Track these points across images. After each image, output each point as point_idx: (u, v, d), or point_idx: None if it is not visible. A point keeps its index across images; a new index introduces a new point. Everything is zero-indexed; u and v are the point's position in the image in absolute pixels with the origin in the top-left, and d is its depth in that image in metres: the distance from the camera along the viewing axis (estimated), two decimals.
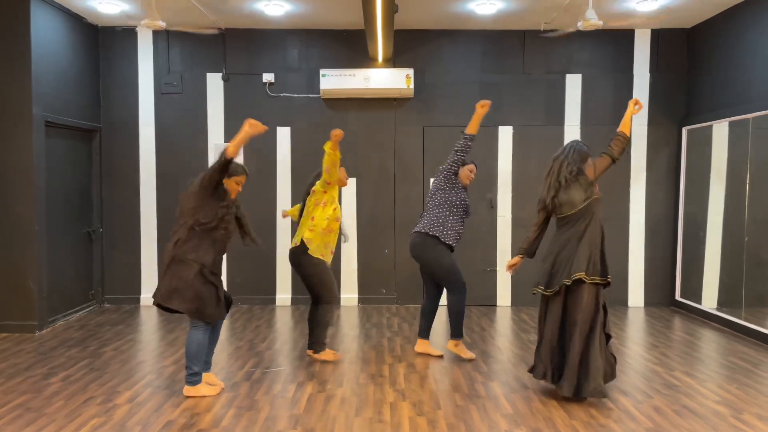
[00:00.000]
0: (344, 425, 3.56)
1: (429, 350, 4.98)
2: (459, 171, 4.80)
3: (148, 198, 6.91)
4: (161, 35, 6.79)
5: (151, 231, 6.90)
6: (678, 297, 6.84)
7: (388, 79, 6.62)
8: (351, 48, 6.81)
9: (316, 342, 4.82)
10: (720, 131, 6.19)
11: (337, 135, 4.48)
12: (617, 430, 3.49)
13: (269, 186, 6.92)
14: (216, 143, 6.87)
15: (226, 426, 3.54)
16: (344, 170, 4.87)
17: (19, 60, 5.61)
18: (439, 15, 6.33)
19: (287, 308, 6.83)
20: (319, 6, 6.04)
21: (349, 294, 6.98)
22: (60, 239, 6.16)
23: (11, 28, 5.60)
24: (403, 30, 6.72)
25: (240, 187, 4.08)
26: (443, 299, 5.09)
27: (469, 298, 5.17)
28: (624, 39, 6.84)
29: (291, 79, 6.88)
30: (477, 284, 6.66)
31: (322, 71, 6.63)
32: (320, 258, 4.70)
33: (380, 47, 6.23)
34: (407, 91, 6.67)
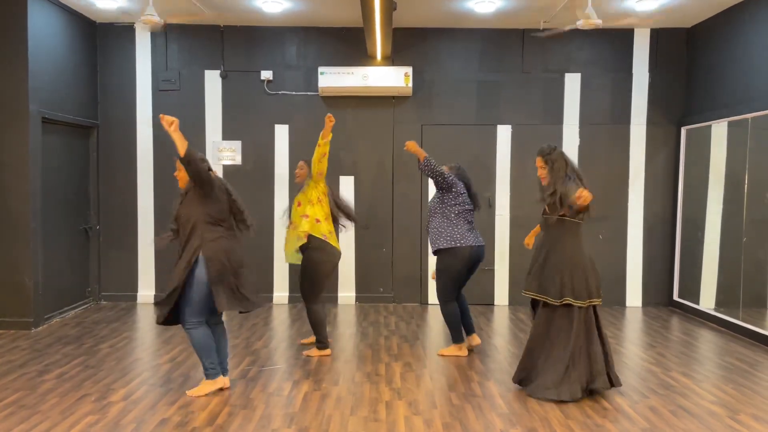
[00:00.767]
0: (339, 424, 3.54)
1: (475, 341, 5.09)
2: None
3: (146, 195, 6.90)
4: (159, 32, 6.76)
5: (148, 228, 6.88)
6: (676, 297, 6.83)
7: (387, 77, 6.60)
8: (349, 46, 6.79)
9: (318, 341, 4.87)
10: (719, 131, 6.17)
11: (332, 120, 4.72)
12: (613, 430, 3.48)
13: (267, 183, 6.90)
14: (214, 140, 6.85)
15: (221, 424, 3.52)
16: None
17: (16, 56, 5.58)
18: (438, 13, 6.31)
19: (284, 306, 6.81)
20: (318, 3, 6.02)
21: (347, 292, 6.97)
22: (56, 236, 6.14)
23: (8, 24, 5.57)
24: (402, 28, 6.70)
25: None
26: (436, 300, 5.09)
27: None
28: (623, 38, 6.82)
29: (289, 77, 6.86)
30: (474, 283, 6.62)
31: (321, 69, 6.61)
32: (328, 243, 4.73)
33: (379, 45, 6.21)
34: (406, 89, 6.65)
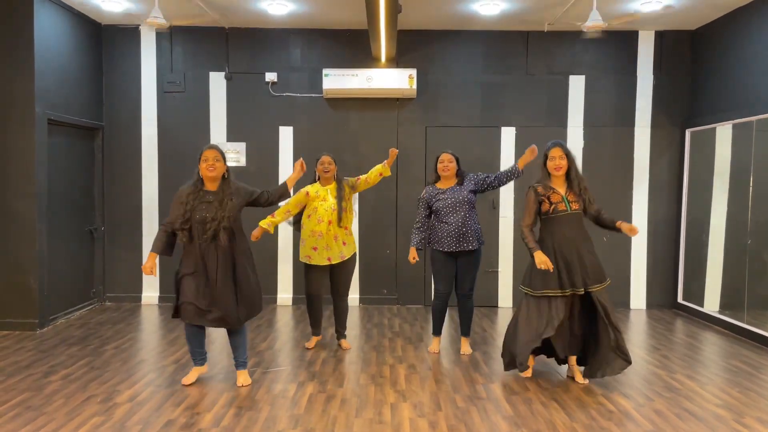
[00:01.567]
0: (344, 426, 3.55)
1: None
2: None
3: (150, 196, 6.92)
4: (164, 34, 6.79)
5: (153, 229, 6.89)
6: (680, 299, 6.82)
7: (391, 79, 6.61)
8: (354, 48, 6.80)
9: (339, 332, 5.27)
10: (723, 133, 6.17)
11: (395, 153, 4.93)
12: None
13: (271, 185, 6.85)
14: (218, 142, 6.87)
15: (226, 425, 3.53)
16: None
17: (23, 58, 5.61)
18: (443, 15, 6.32)
19: (288, 308, 6.82)
20: (323, 5, 6.03)
21: (351, 294, 6.95)
22: (61, 237, 6.16)
23: (14, 26, 5.59)
24: (407, 30, 6.71)
25: (206, 164, 3.99)
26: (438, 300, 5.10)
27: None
28: (627, 40, 6.82)
29: (293, 79, 6.87)
30: (478, 285, 6.62)
31: (325, 71, 6.63)
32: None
33: (383, 47, 6.22)
34: (410, 92, 6.66)
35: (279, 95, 6.87)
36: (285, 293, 6.97)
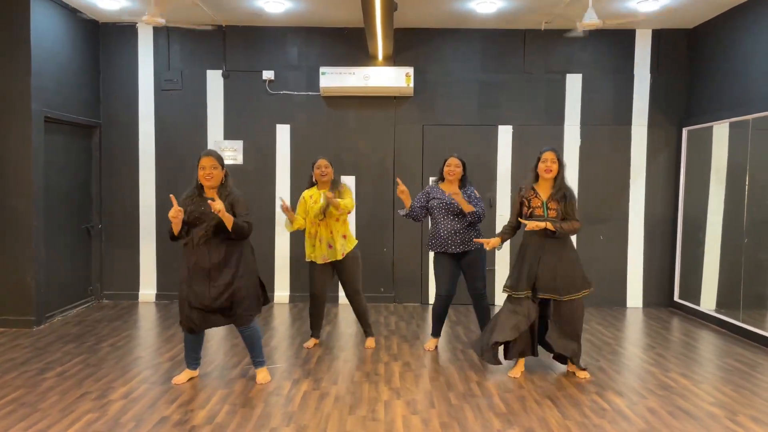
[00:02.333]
0: (338, 423, 3.56)
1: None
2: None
3: (148, 194, 6.92)
4: (161, 32, 6.80)
5: (150, 227, 6.91)
6: (676, 298, 6.82)
7: (388, 78, 6.61)
8: (351, 46, 6.80)
9: (369, 328, 5.27)
10: (720, 132, 6.17)
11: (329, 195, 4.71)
12: (611, 431, 3.48)
13: (268, 183, 6.92)
14: (215, 140, 6.88)
15: (220, 422, 3.54)
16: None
17: (19, 55, 5.61)
18: (440, 13, 6.32)
19: (285, 306, 6.83)
20: (319, 4, 6.03)
21: None
22: (58, 235, 6.17)
23: (11, 23, 5.60)
24: (403, 28, 6.71)
25: (203, 173, 3.99)
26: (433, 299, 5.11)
27: (466, 298, 5.20)
28: (625, 39, 6.82)
29: (291, 77, 6.88)
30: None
31: (322, 69, 6.63)
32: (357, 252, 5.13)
33: (380, 45, 6.22)
34: (407, 90, 6.66)
35: (276, 93, 6.87)
36: (282, 291, 6.98)
